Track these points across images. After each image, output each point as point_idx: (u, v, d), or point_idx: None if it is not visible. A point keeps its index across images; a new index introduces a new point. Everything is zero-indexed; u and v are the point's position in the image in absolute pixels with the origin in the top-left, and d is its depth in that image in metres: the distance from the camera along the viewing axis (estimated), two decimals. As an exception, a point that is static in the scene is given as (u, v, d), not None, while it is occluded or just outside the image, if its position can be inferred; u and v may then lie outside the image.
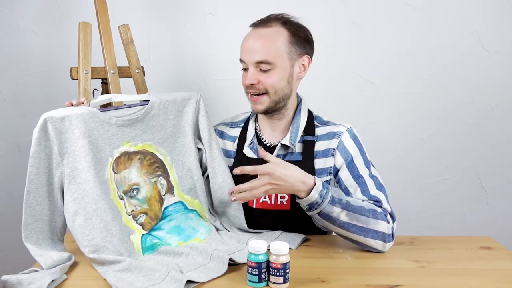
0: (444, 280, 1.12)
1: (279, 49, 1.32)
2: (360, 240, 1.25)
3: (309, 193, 1.20)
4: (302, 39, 1.36)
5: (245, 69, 1.36)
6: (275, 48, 1.32)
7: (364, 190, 1.32)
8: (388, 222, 1.27)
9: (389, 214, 1.30)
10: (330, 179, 1.37)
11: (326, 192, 1.21)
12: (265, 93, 1.34)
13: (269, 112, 1.37)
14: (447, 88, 1.95)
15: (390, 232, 1.27)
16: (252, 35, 1.34)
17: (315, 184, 1.21)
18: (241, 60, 1.35)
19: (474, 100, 1.96)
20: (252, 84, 1.33)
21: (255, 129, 1.45)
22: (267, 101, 1.35)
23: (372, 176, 1.35)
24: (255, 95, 1.34)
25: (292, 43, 1.34)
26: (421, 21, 1.90)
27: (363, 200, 1.31)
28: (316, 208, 1.22)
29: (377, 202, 1.30)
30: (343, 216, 1.22)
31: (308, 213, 1.25)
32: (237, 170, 1.21)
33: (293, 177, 1.20)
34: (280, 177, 1.19)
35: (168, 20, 1.91)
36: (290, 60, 1.34)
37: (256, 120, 1.47)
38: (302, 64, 1.38)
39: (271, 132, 1.43)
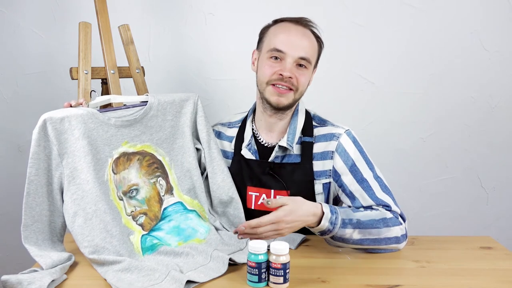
0: (444, 280, 1.12)
1: (314, 52, 1.37)
2: (374, 247, 1.26)
3: (320, 222, 1.19)
4: (321, 51, 1.41)
5: (275, 58, 1.33)
6: (314, 50, 1.36)
7: (371, 194, 1.32)
8: (400, 224, 1.27)
9: (400, 216, 1.30)
10: (329, 182, 1.37)
11: (335, 218, 1.20)
12: (293, 90, 1.34)
13: (286, 109, 1.37)
14: (447, 88, 1.95)
15: (404, 233, 1.28)
16: (295, 31, 1.34)
17: (323, 212, 1.19)
18: (276, 50, 1.32)
19: (474, 100, 1.96)
20: (290, 77, 1.32)
21: (252, 129, 1.45)
22: (292, 98, 1.35)
23: (377, 178, 1.34)
24: (283, 87, 1.33)
25: (318, 51, 1.39)
26: (421, 21, 1.90)
27: (371, 207, 1.30)
28: (328, 234, 1.22)
29: (386, 206, 1.30)
30: (355, 235, 1.22)
31: (321, 237, 1.25)
32: (242, 227, 1.15)
33: (303, 216, 1.17)
34: (290, 218, 1.15)
35: (168, 20, 1.91)
36: (313, 67, 1.39)
37: (253, 120, 1.46)
38: (312, 75, 1.41)
39: (268, 132, 1.43)
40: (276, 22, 1.39)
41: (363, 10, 1.90)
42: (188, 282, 1.06)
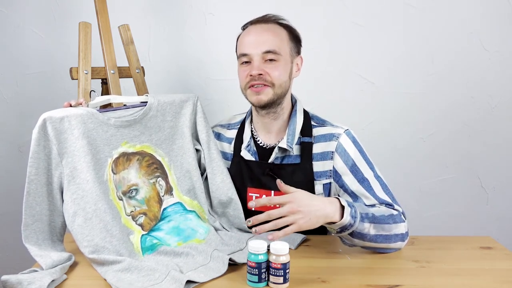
0: (444, 280, 1.12)
1: (283, 42, 1.35)
2: (384, 246, 1.25)
3: (342, 216, 1.15)
4: (297, 39, 1.40)
5: (246, 63, 1.35)
6: (281, 40, 1.34)
7: (372, 193, 1.31)
8: (404, 221, 1.27)
9: (402, 213, 1.30)
10: (330, 182, 1.37)
11: (354, 211, 1.17)
12: (269, 86, 1.33)
13: (269, 106, 1.36)
14: (447, 88, 1.95)
15: (407, 230, 1.28)
16: (254, 30, 1.35)
17: (342, 205, 1.16)
18: (242, 55, 1.34)
19: (474, 100, 1.96)
20: (259, 75, 1.31)
21: (251, 130, 1.45)
22: (271, 93, 1.33)
23: (377, 177, 1.34)
24: (258, 86, 1.33)
25: (291, 40, 1.37)
26: (421, 21, 1.90)
27: (375, 206, 1.30)
28: (348, 229, 1.17)
29: (389, 205, 1.30)
30: (371, 230, 1.20)
31: (338, 235, 1.21)
32: (253, 203, 1.11)
33: (319, 199, 1.14)
34: (303, 202, 1.11)
35: (168, 20, 1.91)
36: (291, 56, 1.37)
37: (251, 121, 1.46)
38: (297, 64, 1.40)
39: (266, 133, 1.43)
40: (244, 28, 1.40)
41: (363, 10, 1.90)
42: (188, 282, 1.06)
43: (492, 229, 2.03)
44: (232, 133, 1.48)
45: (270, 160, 1.39)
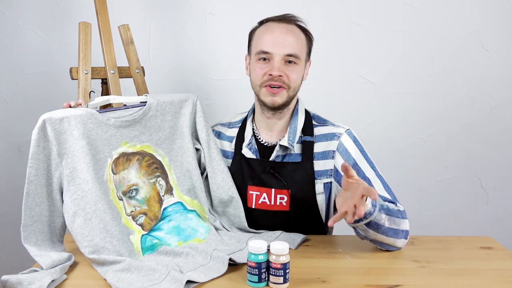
0: (444, 280, 1.12)
1: (303, 46, 1.36)
2: (391, 242, 1.25)
3: None
4: (311, 44, 1.41)
5: (264, 60, 1.33)
6: (301, 45, 1.35)
7: None
8: (407, 219, 1.28)
9: (404, 211, 1.30)
10: (331, 181, 1.37)
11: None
12: (284, 87, 1.33)
13: (282, 107, 1.36)
14: (447, 88, 1.95)
15: (409, 229, 1.28)
16: (278, 28, 1.34)
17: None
18: (262, 52, 1.33)
19: (474, 100, 1.96)
20: (279, 76, 1.31)
21: (252, 129, 1.45)
22: (285, 96, 1.34)
23: (379, 176, 1.35)
24: (275, 87, 1.33)
25: (307, 45, 1.38)
26: (421, 21, 1.90)
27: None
28: (367, 218, 1.16)
29: (392, 203, 1.30)
30: (386, 222, 1.20)
31: (354, 225, 1.20)
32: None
33: None
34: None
35: (168, 20, 1.91)
36: (305, 60, 1.38)
37: (253, 120, 1.46)
38: (307, 68, 1.40)
39: (268, 132, 1.43)
40: (261, 23, 1.39)
41: (363, 10, 1.90)
42: (188, 282, 1.06)
43: (492, 229, 2.03)
44: (233, 132, 1.48)
45: (271, 158, 1.39)
